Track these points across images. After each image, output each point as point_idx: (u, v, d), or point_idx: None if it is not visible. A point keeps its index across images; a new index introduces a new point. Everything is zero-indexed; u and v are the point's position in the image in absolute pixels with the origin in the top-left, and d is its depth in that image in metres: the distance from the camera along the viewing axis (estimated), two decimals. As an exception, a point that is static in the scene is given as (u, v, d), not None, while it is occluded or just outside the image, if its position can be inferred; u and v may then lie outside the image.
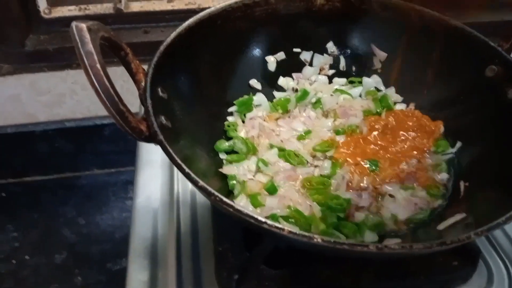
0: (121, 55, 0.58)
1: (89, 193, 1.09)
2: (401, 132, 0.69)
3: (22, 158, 1.07)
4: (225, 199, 0.44)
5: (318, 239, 0.41)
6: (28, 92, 0.99)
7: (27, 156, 1.07)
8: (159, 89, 0.59)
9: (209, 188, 0.45)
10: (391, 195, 0.61)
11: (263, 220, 0.42)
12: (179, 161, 0.48)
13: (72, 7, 1.01)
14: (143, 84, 0.58)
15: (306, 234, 0.41)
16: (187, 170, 0.47)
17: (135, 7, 1.03)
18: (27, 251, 0.95)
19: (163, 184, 0.75)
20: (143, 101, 0.55)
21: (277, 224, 0.42)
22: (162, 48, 0.63)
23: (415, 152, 0.65)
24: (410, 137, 0.67)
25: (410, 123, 0.70)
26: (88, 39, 0.47)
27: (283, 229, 0.41)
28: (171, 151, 0.49)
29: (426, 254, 0.47)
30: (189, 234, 0.66)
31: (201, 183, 0.46)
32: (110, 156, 1.12)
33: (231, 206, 0.44)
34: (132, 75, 0.60)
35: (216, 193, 0.45)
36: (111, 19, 1.01)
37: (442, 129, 0.69)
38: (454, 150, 0.67)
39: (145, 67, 0.60)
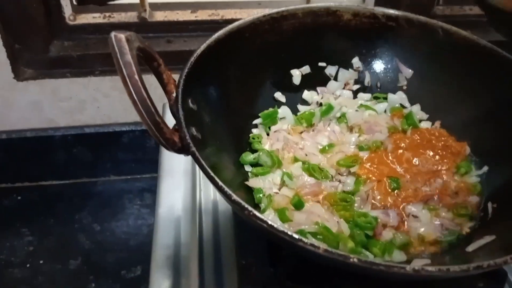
0: (153, 66, 0.59)
1: (105, 199, 1.09)
2: (426, 152, 0.68)
3: (40, 162, 1.08)
4: (258, 214, 0.44)
5: (354, 259, 0.40)
6: (49, 98, 1.00)
7: (45, 160, 1.07)
8: (189, 100, 0.60)
9: (243, 203, 0.45)
10: (414, 216, 0.61)
11: (299, 237, 0.42)
12: (212, 174, 0.48)
13: (97, 15, 1.02)
14: (174, 95, 0.58)
15: (342, 253, 0.41)
16: (220, 183, 0.47)
17: (159, 16, 1.03)
18: (42, 256, 0.95)
19: (185, 192, 0.75)
20: (174, 112, 0.56)
21: (312, 243, 0.41)
22: (192, 59, 0.63)
23: (439, 172, 0.64)
24: (435, 157, 0.66)
25: (435, 143, 0.69)
26: (127, 50, 0.47)
27: (318, 248, 0.41)
28: (204, 163, 0.49)
29: (460, 276, 0.46)
30: (211, 244, 0.66)
31: (234, 196, 0.46)
32: (127, 163, 1.12)
33: (265, 222, 0.43)
34: (163, 85, 0.60)
35: (250, 208, 0.44)
36: (135, 27, 1.02)
37: (468, 150, 0.68)
38: (479, 172, 0.66)
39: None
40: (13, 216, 1.02)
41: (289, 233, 0.42)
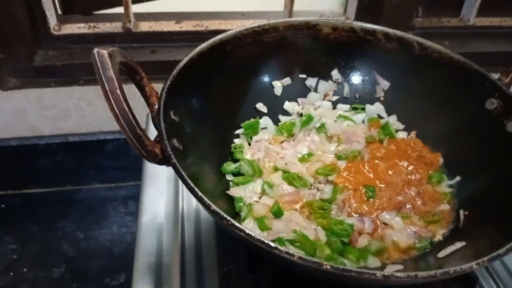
0: (136, 79, 0.60)
1: (89, 207, 1.09)
2: (401, 161, 0.70)
3: (24, 170, 1.08)
4: (236, 223, 0.46)
5: (327, 266, 0.42)
6: (33, 106, 1.00)
7: (29, 168, 1.07)
8: (171, 112, 0.61)
9: (221, 213, 0.47)
10: (385, 223, 0.63)
11: (274, 245, 0.43)
12: (192, 184, 0.49)
13: (82, 25, 1.03)
14: (156, 107, 0.60)
15: (315, 260, 0.43)
16: (199, 193, 0.48)
17: (144, 26, 1.05)
18: (25, 264, 0.95)
19: (168, 200, 0.76)
20: (156, 124, 0.57)
21: (288, 250, 0.43)
22: (175, 72, 0.64)
23: (413, 182, 0.67)
24: (409, 167, 0.69)
25: (410, 153, 0.72)
26: (109, 65, 0.49)
27: (293, 255, 0.43)
28: (184, 174, 0.50)
29: (430, 282, 0.48)
30: (193, 252, 0.67)
31: (213, 207, 0.47)
32: (111, 171, 1.13)
33: (243, 231, 0.45)
34: (146, 98, 0.61)
35: (228, 218, 0.46)
36: (120, 37, 1.03)
37: (441, 161, 0.71)
38: (451, 182, 0.69)
39: (152, 85, 0.62)
40: (-4, 224, 1.02)
41: (265, 241, 0.43)
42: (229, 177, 0.68)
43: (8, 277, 0.92)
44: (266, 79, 0.81)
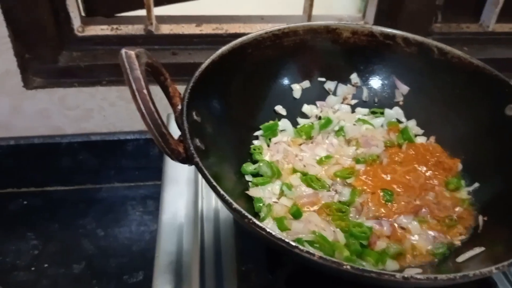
0: (160, 80, 0.62)
1: (109, 206, 1.11)
2: (420, 166, 0.71)
3: (46, 168, 1.10)
4: (258, 222, 0.47)
5: (347, 266, 0.43)
6: (57, 106, 1.03)
7: (51, 166, 1.10)
8: (194, 113, 0.63)
9: (243, 211, 0.48)
10: (402, 227, 0.63)
11: (295, 244, 0.44)
12: (215, 183, 0.50)
13: (105, 27, 1.06)
14: (179, 107, 0.61)
15: (336, 260, 0.44)
16: (222, 192, 0.50)
17: (165, 29, 1.07)
18: (47, 260, 0.97)
19: (188, 200, 0.77)
20: (179, 124, 0.59)
21: (308, 250, 0.44)
22: (197, 74, 0.66)
23: (431, 187, 0.67)
24: (427, 172, 0.69)
25: (429, 158, 0.72)
26: (137, 66, 0.50)
27: (314, 255, 0.44)
28: (207, 173, 0.51)
29: (447, 285, 0.49)
30: (213, 251, 0.68)
31: (235, 205, 0.48)
32: (131, 171, 1.15)
33: (264, 230, 0.46)
34: (169, 98, 0.63)
35: (250, 216, 0.47)
36: (142, 40, 1.06)
37: (460, 167, 0.71)
38: (470, 189, 0.68)
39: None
40: (18, 221, 1.05)
41: (287, 240, 0.44)
42: (248, 177, 0.69)
43: (30, 272, 0.95)
44: (285, 82, 0.82)
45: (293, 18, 1.19)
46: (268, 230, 0.46)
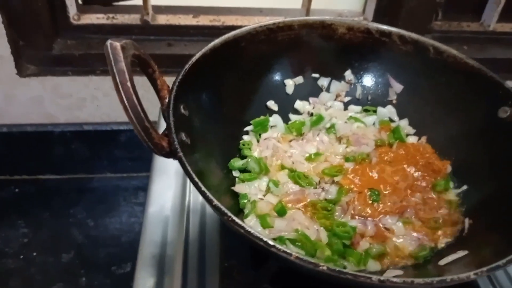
0: (148, 72, 0.61)
1: (100, 196, 1.11)
2: (409, 167, 0.70)
3: (39, 156, 1.10)
4: (237, 220, 0.46)
5: (323, 267, 0.43)
6: (50, 94, 1.02)
7: (44, 155, 1.10)
8: (181, 106, 0.62)
9: (223, 208, 0.47)
10: (386, 228, 0.63)
11: (272, 243, 0.44)
12: (196, 179, 0.50)
13: (101, 15, 1.05)
14: (166, 100, 0.60)
15: (312, 261, 0.43)
16: (203, 188, 0.49)
17: (162, 19, 1.06)
18: (36, 248, 0.97)
19: (175, 193, 0.77)
20: (165, 117, 0.58)
21: (285, 249, 0.43)
22: (187, 67, 0.65)
23: (418, 188, 0.67)
24: (416, 173, 0.68)
25: (419, 159, 0.71)
26: (121, 57, 0.50)
27: (290, 254, 0.43)
28: (189, 168, 0.51)
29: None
30: (197, 246, 0.68)
31: (216, 202, 0.48)
32: (123, 162, 1.14)
33: (242, 227, 0.45)
34: (157, 91, 0.62)
35: (229, 214, 0.47)
36: (137, 30, 1.05)
37: (449, 169, 0.70)
38: (458, 191, 0.68)
39: (166, 78, 0.63)
40: (9, 208, 1.05)
41: (264, 239, 0.44)
42: (235, 173, 0.69)
43: (19, 260, 0.95)
44: (278, 77, 0.81)
45: (292, 12, 1.17)
46: (246, 228, 0.45)
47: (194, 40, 1.07)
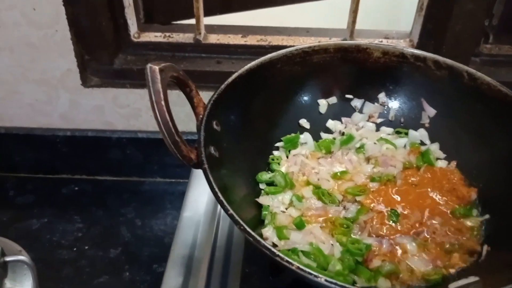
0: (186, 91, 0.68)
1: (149, 198, 1.20)
2: (433, 191, 0.71)
3: (97, 159, 1.21)
4: (248, 229, 0.51)
5: (322, 279, 0.46)
6: (110, 104, 1.13)
7: (102, 158, 1.21)
8: (214, 122, 0.68)
9: (236, 217, 0.52)
10: (401, 247, 0.64)
11: (277, 253, 0.48)
12: (216, 189, 0.55)
13: (158, 34, 1.14)
14: (201, 116, 0.67)
15: (312, 272, 0.47)
16: (220, 197, 0.54)
17: (212, 39, 1.13)
18: (88, 242, 1.07)
19: (208, 200, 0.83)
20: (198, 132, 0.64)
21: (288, 259, 0.48)
22: (223, 86, 0.71)
23: (438, 212, 0.67)
24: (439, 198, 0.69)
25: (445, 183, 0.72)
26: (158, 79, 0.56)
27: (292, 264, 0.47)
28: (211, 179, 0.57)
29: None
30: (223, 250, 0.74)
31: (231, 211, 0.53)
32: (172, 168, 1.23)
33: (251, 236, 0.50)
34: (194, 107, 0.69)
35: (241, 222, 0.51)
36: (190, 48, 1.13)
37: (474, 196, 0.70)
38: (480, 219, 0.68)
39: (211, 94, 0.69)
40: (68, 204, 1.16)
41: (269, 247, 0.48)
42: (262, 185, 0.74)
43: (72, 252, 1.05)
44: (311, 96, 0.85)
45: (338, 32, 1.20)
46: (254, 235, 0.50)
47: (242, 58, 1.14)
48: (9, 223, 1.12)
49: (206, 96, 0.70)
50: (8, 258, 0.64)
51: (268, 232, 0.63)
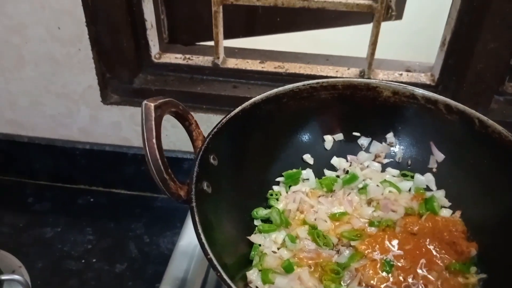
0: (185, 124, 0.69)
1: (160, 215, 1.22)
2: (432, 243, 0.69)
3: (114, 172, 1.24)
4: (224, 275, 0.51)
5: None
6: (127, 121, 1.16)
7: (118, 172, 1.24)
8: (211, 157, 0.68)
9: (215, 262, 0.52)
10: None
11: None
12: (200, 230, 0.56)
13: (179, 55, 1.16)
14: (198, 150, 0.68)
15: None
16: (202, 240, 0.55)
17: (231, 63, 1.14)
18: (96, 255, 1.10)
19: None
20: (193, 167, 0.65)
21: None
22: (224, 120, 0.72)
23: (435, 266, 0.65)
24: (437, 251, 0.67)
25: (445, 235, 0.69)
26: (152, 117, 0.58)
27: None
28: (196, 218, 0.57)
29: None
30: (214, 284, 0.73)
31: (210, 255, 0.53)
32: (184, 187, 1.25)
33: (226, 283, 0.50)
34: (192, 141, 0.70)
35: (219, 269, 0.52)
36: (208, 71, 1.14)
37: (473, 252, 0.67)
38: (477, 277, 0.65)
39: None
40: (82, 215, 1.19)
41: (240, 299, 0.48)
42: (257, 222, 0.73)
43: (80, 263, 1.08)
44: (317, 132, 0.84)
45: (358, 61, 1.19)
46: (229, 283, 0.50)
47: (258, 84, 1.14)
48: (24, 229, 1.16)
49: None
50: (3, 277, 0.66)
51: (253, 275, 0.63)
